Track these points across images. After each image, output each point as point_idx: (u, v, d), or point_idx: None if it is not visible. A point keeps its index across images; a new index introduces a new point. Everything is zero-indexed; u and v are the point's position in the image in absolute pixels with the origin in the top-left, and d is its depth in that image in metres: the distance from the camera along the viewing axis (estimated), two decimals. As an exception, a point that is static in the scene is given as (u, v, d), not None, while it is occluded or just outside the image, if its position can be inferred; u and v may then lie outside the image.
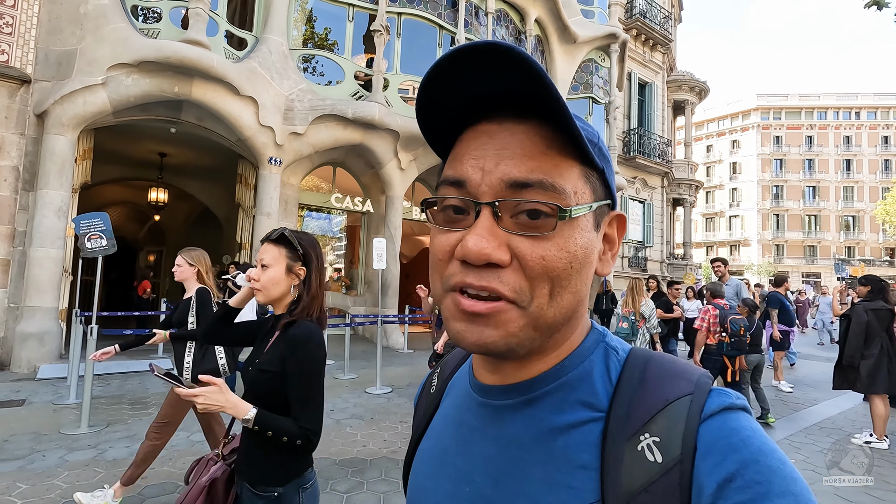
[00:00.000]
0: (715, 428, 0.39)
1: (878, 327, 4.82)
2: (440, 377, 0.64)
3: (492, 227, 0.42)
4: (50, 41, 6.90)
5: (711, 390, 0.42)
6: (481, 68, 0.41)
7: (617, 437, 0.41)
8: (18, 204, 6.77)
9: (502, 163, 0.42)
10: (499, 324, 0.42)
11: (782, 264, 44.53)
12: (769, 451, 0.37)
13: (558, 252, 0.42)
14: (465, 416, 0.52)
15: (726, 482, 0.36)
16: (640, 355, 0.48)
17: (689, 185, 19.14)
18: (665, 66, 18.50)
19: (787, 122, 46.78)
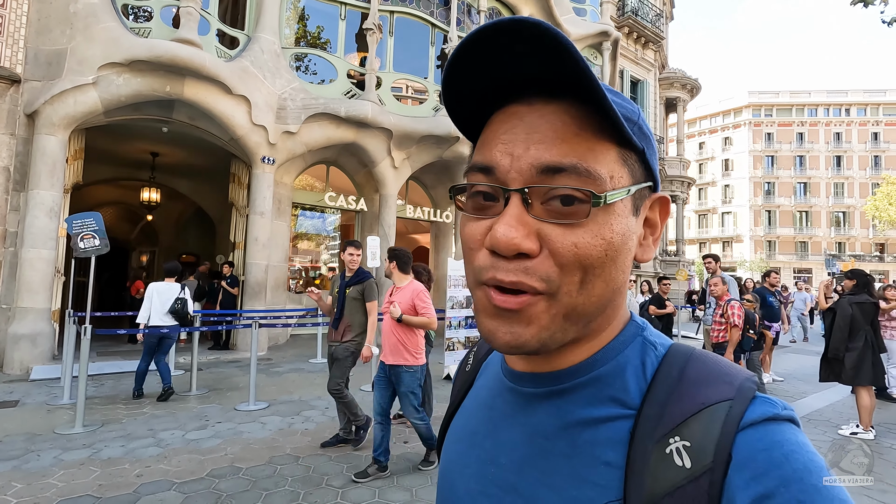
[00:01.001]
0: (755, 439, 0.36)
1: (862, 320, 4.91)
2: (476, 356, 0.63)
3: (521, 214, 0.40)
4: (39, 41, 6.86)
5: (755, 397, 0.39)
6: (508, 48, 0.38)
7: (646, 438, 0.39)
8: (9, 205, 6.73)
9: (532, 147, 0.40)
10: (531, 319, 0.40)
11: (774, 260, 44.87)
12: (815, 470, 0.34)
13: (592, 239, 0.40)
14: (496, 399, 0.51)
15: (763, 498, 0.33)
16: (680, 352, 0.45)
17: (681, 182, 19.26)
18: (657, 63, 18.59)
19: (778, 119, 47.10)
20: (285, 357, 8.18)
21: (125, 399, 5.38)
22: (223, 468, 3.59)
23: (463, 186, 0.45)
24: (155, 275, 15.33)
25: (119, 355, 7.91)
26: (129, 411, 4.93)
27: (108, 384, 6.04)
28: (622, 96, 0.45)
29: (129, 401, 5.31)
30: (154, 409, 5.02)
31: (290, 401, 5.49)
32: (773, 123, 47.08)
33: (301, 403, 5.41)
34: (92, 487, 3.21)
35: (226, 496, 3.16)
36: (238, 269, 9.21)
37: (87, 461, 3.64)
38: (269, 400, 5.45)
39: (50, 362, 6.59)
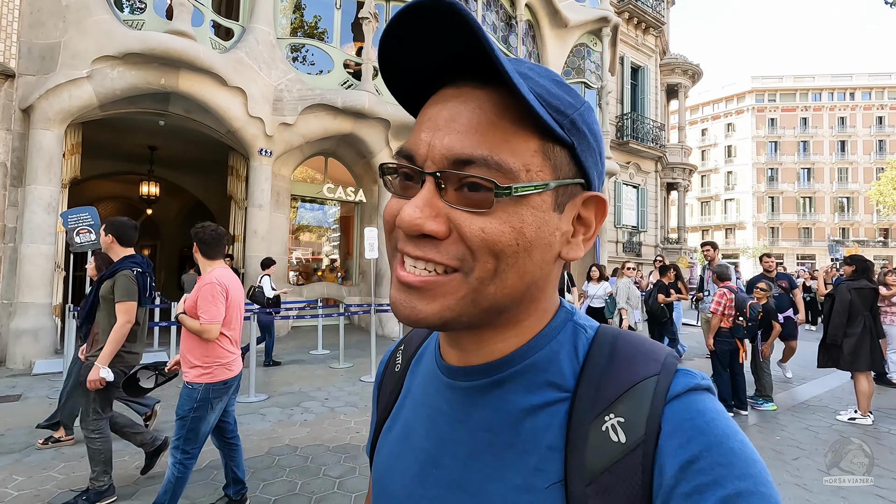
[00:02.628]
0: (680, 409, 0.39)
1: (861, 306, 4.91)
2: (404, 354, 0.61)
3: (431, 198, 0.40)
4: (32, 34, 6.81)
5: (677, 371, 0.42)
6: (427, 29, 0.39)
7: (583, 417, 0.41)
8: (7, 200, 6.74)
9: (447, 136, 0.40)
10: (435, 296, 0.41)
11: (777, 247, 44.73)
12: (732, 434, 0.37)
13: (500, 226, 0.40)
14: (433, 397, 0.50)
15: (689, 463, 0.36)
16: (608, 333, 0.47)
17: (682, 170, 19.15)
18: (658, 49, 18.39)
19: (781, 104, 46.68)
20: (286, 349, 8.22)
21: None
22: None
23: (390, 166, 0.45)
24: (157, 269, 15.42)
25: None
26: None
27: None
28: (568, 88, 0.44)
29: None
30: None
31: (290, 392, 5.52)
32: (777, 109, 46.67)
33: (300, 395, 5.44)
34: (92, 479, 3.24)
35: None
36: (238, 262, 9.23)
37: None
38: (270, 391, 5.49)
39: (52, 356, 6.63)
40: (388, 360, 0.64)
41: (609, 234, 15.61)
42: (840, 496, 3.25)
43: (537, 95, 0.41)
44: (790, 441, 4.31)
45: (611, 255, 15.47)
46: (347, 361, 7.10)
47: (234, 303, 2.82)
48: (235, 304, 2.84)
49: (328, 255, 12.19)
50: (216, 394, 2.70)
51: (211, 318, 2.65)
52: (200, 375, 2.67)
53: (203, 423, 2.68)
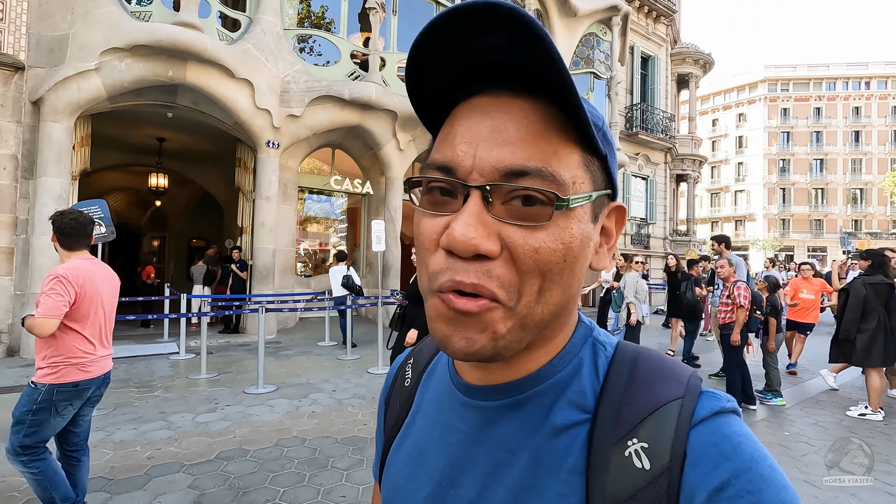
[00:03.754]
0: (706, 434, 0.38)
1: (875, 301, 4.86)
2: (414, 369, 0.59)
3: (481, 213, 0.38)
4: (41, 26, 6.83)
5: (702, 393, 0.41)
6: (480, 31, 0.36)
7: (604, 441, 0.40)
8: (19, 192, 6.80)
9: (496, 148, 0.38)
10: (486, 325, 0.39)
11: (788, 239, 44.25)
12: (760, 459, 0.37)
13: (553, 243, 0.39)
14: (448, 415, 0.49)
15: (717, 491, 0.35)
16: (627, 352, 0.46)
17: (692, 161, 18.93)
18: (669, 38, 18.10)
19: (794, 93, 45.90)
20: (294, 340, 8.28)
21: (137, 383, 5.50)
22: (231, 450, 3.67)
23: (419, 180, 0.42)
24: (167, 260, 15.56)
25: (132, 339, 8.06)
26: (140, 395, 5.04)
27: (121, 368, 6.16)
28: (587, 101, 0.43)
29: (141, 384, 5.43)
30: (165, 393, 5.12)
31: (298, 384, 5.57)
32: (790, 98, 45.91)
33: (308, 386, 5.48)
34: (104, 469, 3.30)
35: (234, 477, 3.23)
36: (246, 254, 9.28)
37: (99, 443, 3.73)
38: (278, 383, 5.54)
39: (65, 347, 6.72)
40: (397, 374, 0.62)
41: (617, 227, 15.50)
42: (849, 493, 3.23)
43: None
44: (799, 437, 4.28)
45: (619, 248, 15.37)
46: (355, 353, 7.14)
47: (90, 297, 2.51)
48: (92, 299, 2.52)
49: (335, 247, 12.22)
50: (63, 396, 2.41)
51: (44, 312, 2.32)
52: (45, 375, 2.40)
53: (45, 428, 2.41)
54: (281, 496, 3.02)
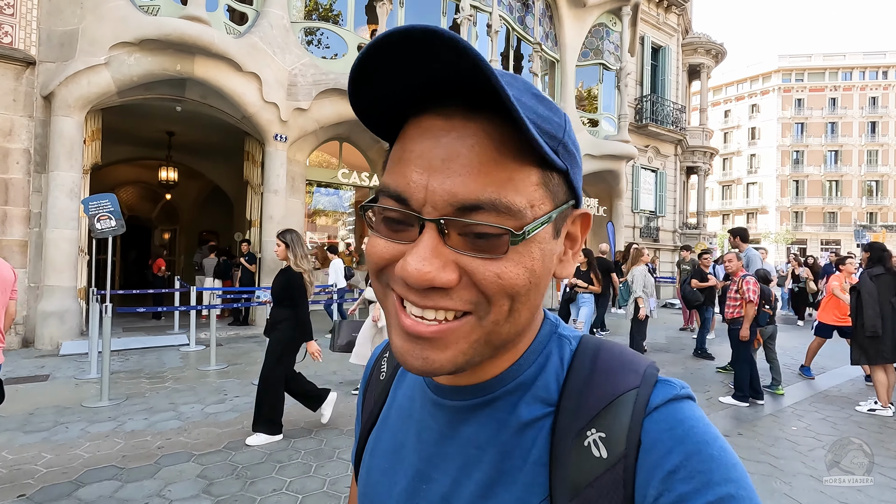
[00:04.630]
0: (660, 420, 0.39)
1: (882, 294, 4.80)
2: (389, 362, 0.60)
3: (436, 246, 0.37)
4: (51, 21, 6.89)
5: (657, 381, 0.42)
6: (417, 57, 0.36)
7: (566, 432, 0.41)
8: (32, 186, 6.90)
9: (448, 179, 0.37)
10: (447, 344, 0.39)
11: (801, 231, 43.66)
12: (711, 440, 0.38)
13: (515, 268, 0.38)
14: (421, 412, 0.50)
15: (670, 474, 0.37)
16: (589, 345, 0.47)
17: (703, 153, 18.70)
18: (680, 28, 17.83)
19: (809, 83, 45.05)
20: (302, 332, 8.35)
21: (148, 374, 5.59)
22: (239, 441, 3.72)
23: (372, 207, 0.42)
24: (177, 253, 15.73)
25: (143, 331, 8.18)
26: (151, 385, 5.13)
27: (133, 359, 6.27)
28: (547, 103, 0.42)
29: (152, 375, 5.52)
30: (175, 384, 5.21)
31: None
32: (804, 89, 45.08)
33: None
34: (116, 458, 3.37)
35: (241, 468, 3.28)
36: (255, 247, 9.35)
37: (111, 433, 3.80)
38: (286, 375, 5.59)
39: (78, 338, 6.85)
40: (374, 366, 0.62)
41: (626, 220, 15.38)
42: (856, 489, 3.21)
43: (532, 123, 0.38)
44: (806, 432, 4.25)
45: (628, 241, 15.27)
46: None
47: None
48: None
49: (343, 240, 12.27)
50: None
51: None
52: None
53: None
54: (287, 486, 3.07)
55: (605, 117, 14.18)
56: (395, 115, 0.42)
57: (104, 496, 2.88)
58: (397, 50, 0.36)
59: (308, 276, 3.83)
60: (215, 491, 2.97)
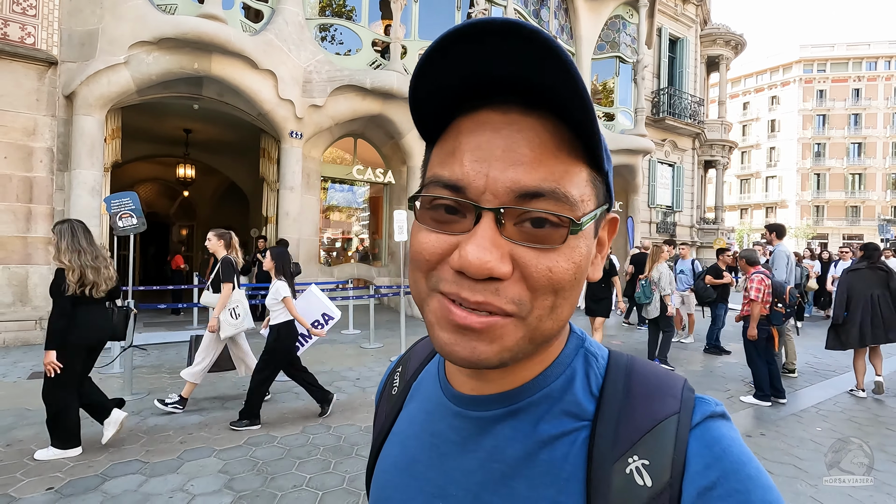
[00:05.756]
0: (697, 437, 0.40)
1: (861, 287, 5.22)
2: (402, 377, 0.59)
3: (494, 235, 0.37)
4: (72, 22, 6.99)
5: (695, 402, 0.42)
6: (496, 50, 0.35)
7: (605, 457, 0.40)
8: (55, 184, 7.04)
9: (510, 168, 0.37)
10: (494, 338, 0.38)
11: (822, 226, 42.72)
12: (748, 461, 0.38)
13: (566, 263, 0.39)
14: (438, 425, 0.48)
15: (707, 490, 0.37)
16: (620, 364, 0.46)
17: (721, 146, 18.36)
18: (698, 19, 17.47)
19: (832, 74, 43.90)
20: (318, 328, 8.41)
21: (169, 369, 5.68)
22: (259, 436, 3.77)
23: (425, 196, 0.41)
24: (195, 249, 15.96)
25: (164, 326, 8.32)
26: (173, 381, 5.21)
27: (154, 354, 6.38)
28: None
29: (172, 370, 5.61)
30: (196, 379, 5.28)
31: (323, 371, 5.66)
32: (827, 79, 43.95)
33: (333, 374, 5.58)
34: (140, 453, 3.43)
35: (262, 463, 3.32)
36: (271, 243, 9.43)
37: (135, 428, 3.87)
38: (303, 370, 5.64)
39: (100, 333, 6.98)
40: (386, 381, 0.62)
41: (642, 215, 15.19)
42: (885, 492, 3.14)
43: None
44: (831, 433, 4.17)
45: (644, 236, 15.09)
46: (378, 342, 7.22)
47: None
48: None
49: (358, 236, 12.33)
50: None
51: None
52: None
53: None
54: (308, 482, 3.09)
55: (622, 111, 13.99)
56: (442, 113, 0.42)
57: (129, 490, 2.93)
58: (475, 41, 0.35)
59: (73, 273, 3.26)
60: (237, 486, 3.01)
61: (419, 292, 0.42)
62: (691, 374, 6.02)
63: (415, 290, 0.43)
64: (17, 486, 2.95)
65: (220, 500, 2.85)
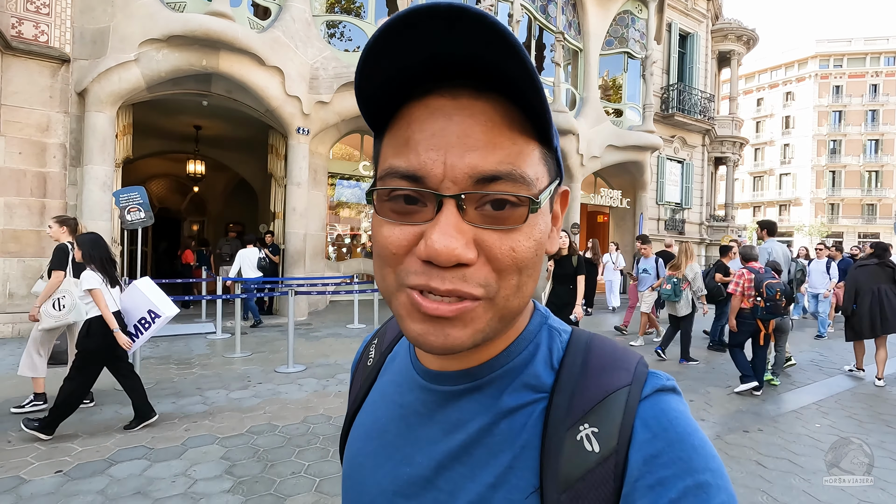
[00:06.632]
0: (646, 409, 0.41)
1: (867, 281, 5.56)
2: (377, 349, 0.61)
3: (457, 222, 0.38)
4: (84, 20, 7.13)
5: (647, 376, 0.44)
6: (443, 34, 0.36)
7: (558, 426, 0.42)
8: (67, 179, 7.21)
9: (467, 154, 0.38)
10: (466, 323, 0.40)
11: (837, 224, 42.06)
12: (693, 432, 0.40)
13: (528, 242, 0.40)
14: (407, 397, 0.50)
15: (652, 458, 0.38)
16: (581, 339, 0.48)
17: (732, 143, 18.18)
18: (710, 14, 17.28)
19: (849, 69, 43.09)
20: (324, 322, 8.53)
21: (177, 360, 5.81)
22: (262, 425, 3.86)
23: (382, 189, 0.41)
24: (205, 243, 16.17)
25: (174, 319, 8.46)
26: (179, 371, 5.33)
27: (163, 346, 6.52)
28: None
29: (180, 362, 5.73)
30: (202, 370, 5.40)
31: (326, 364, 5.76)
32: (843, 75, 43.16)
33: (336, 367, 5.67)
34: (146, 439, 3.54)
35: (263, 451, 3.41)
36: (278, 238, 9.55)
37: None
38: (307, 363, 5.74)
39: (112, 325, 7.14)
40: (363, 353, 0.64)
41: (651, 212, 15.10)
42: (878, 487, 3.14)
43: None
44: (830, 430, 4.16)
45: (652, 233, 15.00)
46: (382, 336, 7.29)
47: None
48: None
49: (365, 231, 12.41)
50: None
51: None
52: None
53: None
54: (306, 469, 3.17)
55: (630, 107, 13.90)
56: (389, 101, 0.42)
57: (134, 474, 3.03)
58: (420, 26, 0.36)
59: None
60: (237, 472, 3.10)
61: (387, 287, 0.42)
62: (693, 369, 6.02)
63: (382, 285, 0.43)
64: (28, 468, 3.07)
65: (220, 486, 2.93)
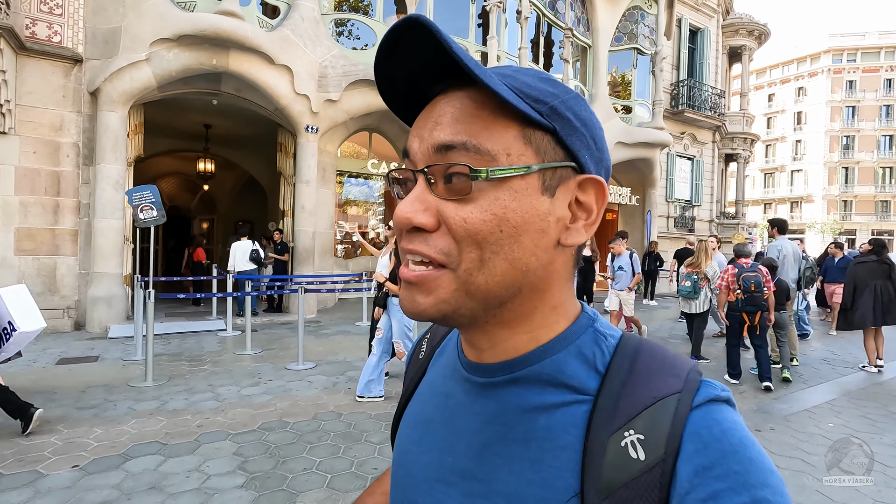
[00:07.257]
0: (697, 418, 0.40)
1: (865, 277, 5.85)
2: (429, 343, 0.64)
3: (422, 193, 0.43)
4: (96, 20, 7.21)
5: (700, 385, 0.42)
6: (409, 47, 0.43)
7: (602, 429, 0.41)
8: (80, 178, 7.29)
9: (435, 130, 0.43)
10: (430, 290, 0.43)
11: (849, 221, 41.49)
12: (750, 445, 0.38)
13: (482, 214, 0.41)
14: (452, 388, 0.52)
15: (704, 469, 0.37)
16: (630, 343, 0.47)
17: (743, 139, 17.98)
18: (720, 9, 17.09)
19: (862, 64, 42.41)
20: (333, 320, 8.57)
21: (188, 357, 5.87)
22: (273, 422, 3.89)
23: (392, 175, 0.49)
24: (215, 241, 16.30)
25: (184, 316, 8.57)
26: (191, 368, 5.39)
27: (175, 343, 6.59)
28: (552, 82, 0.46)
29: (192, 358, 5.80)
30: (213, 367, 5.46)
31: (336, 361, 5.79)
32: (857, 70, 42.49)
33: (345, 364, 5.70)
34: (159, 435, 3.59)
35: (274, 447, 3.44)
36: (287, 236, 9.61)
37: (155, 411, 4.04)
38: (317, 360, 5.78)
39: (125, 322, 7.24)
40: (416, 347, 0.68)
41: (660, 209, 14.99)
42: (894, 487, 3.11)
43: (514, 89, 0.42)
44: (843, 429, 4.12)
45: (661, 231, 14.91)
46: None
47: None
48: None
49: (374, 229, 12.44)
50: None
51: None
52: None
53: None
54: (317, 466, 3.20)
55: (639, 103, 13.80)
56: (417, 106, 0.48)
57: (149, 469, 3.08)
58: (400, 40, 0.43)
59: None
60: (249, 468, 3.14)
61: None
62: (703, 367, 5.98)
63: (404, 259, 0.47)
64: (46, 463, 3.12)
65: (233, 481, 2.97)
